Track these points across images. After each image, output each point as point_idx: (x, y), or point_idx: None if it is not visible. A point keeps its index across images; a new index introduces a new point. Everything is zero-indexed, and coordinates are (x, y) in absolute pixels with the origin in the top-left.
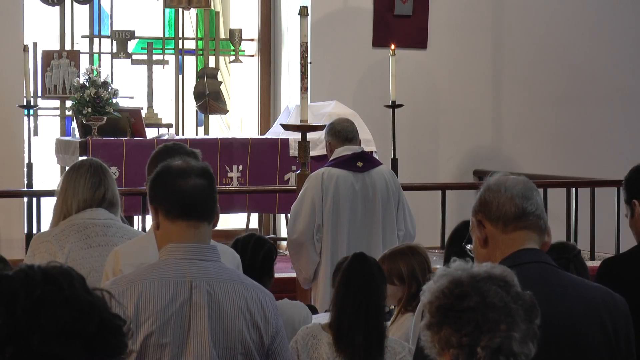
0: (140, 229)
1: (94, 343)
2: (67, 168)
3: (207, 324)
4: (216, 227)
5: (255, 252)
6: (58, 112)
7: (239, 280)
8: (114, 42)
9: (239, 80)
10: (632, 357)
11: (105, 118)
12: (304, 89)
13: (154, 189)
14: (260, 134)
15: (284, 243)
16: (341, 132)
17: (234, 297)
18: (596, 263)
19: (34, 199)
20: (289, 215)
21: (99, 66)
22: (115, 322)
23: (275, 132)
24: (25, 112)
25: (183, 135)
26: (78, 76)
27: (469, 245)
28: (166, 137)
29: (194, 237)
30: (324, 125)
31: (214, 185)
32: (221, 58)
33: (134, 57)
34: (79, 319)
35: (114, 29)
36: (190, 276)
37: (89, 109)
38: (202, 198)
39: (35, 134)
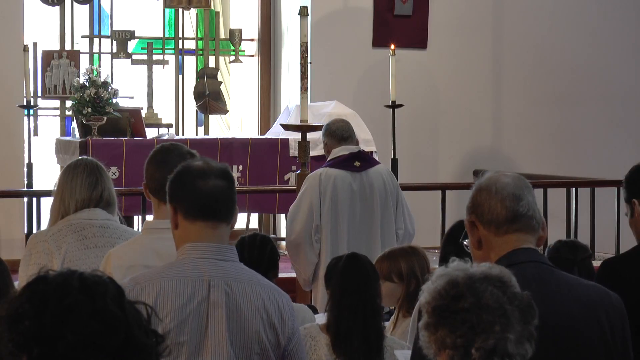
0: (140, 229)
1: (119, 358)
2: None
3: (225, 323)
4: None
5: (263, 248)
6: (58, 112)
7: (256, 280)
8: (114, 42)
9: (239, 80)
10: (628, 355)
11: (105, 118)
12: (304, 89)
13: (174, 188)
14: (260, 134)
15: (284, 243)
16: (336, 132)
17: (251, 298)
18: (596, 263)
19: (34, 199)
20: (287, 215)
21: (99, 66)
22: (143, 339)
23: (275, 132)
24: (25, 112)
25: (183, 135)
26: (78, 76)
27: (466, 241)
28: (166, 137)
29: (212, 238)
30: (324, 125)
31: (233, 187)
32: (221, 58)
33: (134, 57)
34: (104, 333)
35: (114, 29)
36: (208, 275)
37: (89, 109)
38: (221, 199)
39: (35, 134)
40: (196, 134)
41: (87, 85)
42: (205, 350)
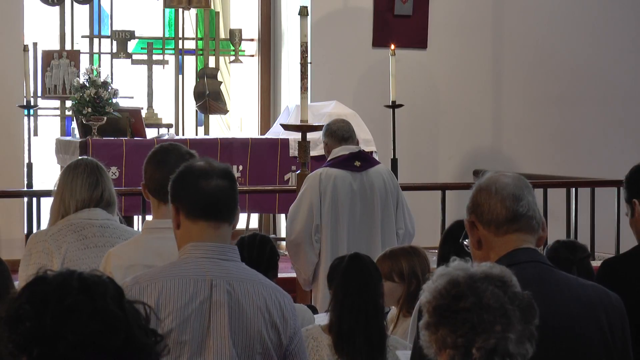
0: (139, 230)
1: (119, 357)
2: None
3: (227, 322)
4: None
5: (262, 247)
6: (58, 112)
7: (258, 280)
8: (114, 42)
9: (239, 80)
10: (628, 355)
11: (105, 118)
12: (304, 89)
13: (176, 188)
14: (260, 134)
15: (284, 243)
16: (337, 132)
17: (253, 297)
18: (596, 263)
19: (34, 199)
20: (287, 215)
21: (99, 66)
22: (143, 339)
23: (275, 132)
24: (25, 112)
25: (183, 135)
26: (78, 76)
27: (466, 241)
28: (166, 137)
29: (214, 237)
30: (324, 125)
31: (235, 187)
32: (221, 58)
33: (134, 57)
34: (104, 333)
35: (114, 29)
36: (210, 275)
37: (89, 109)
38: (223, 199)
39: (35, 134)
40: (196, 134)
41: (87, 85)
42: (207, 350)
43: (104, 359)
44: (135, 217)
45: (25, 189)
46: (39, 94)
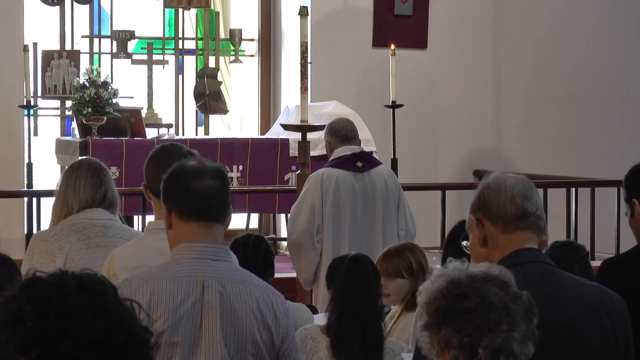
0: (140, 229)
1: (121, 354)
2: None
3: (219, 323)
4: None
5: (257, 248)
6: (58, 112)
7: (250, 281)
8: (114, 42)
9: (239, 80)
10: (630, 355)
11: (105, 118)
12: (304, 89)
13: (168, 188)
14: (260, 134)
15: (284, 243)
16: (341, 131)
17: (245, 298)
18: (596, 263)
19: (34, 199)
20: (289, 215)
21: (99, 66)
22: (143, 335)
23: (275, 132)
24: (25, 112)
25: (183, 135)
26: (78, 76)
27: (465, 242)
28: (166, 137)
29: (206, 238)
30: (324, 125)
31: (228, 187)
32: (221, 58)
33: (134, 57)
34: (108, 330)
35: (114, 29)
36: (202, 275)
37: (89, 109)
38: (216, 199)
39: (35, 134)
40: (196, 134)
41: (87, 85)
42: (199, 351)
43: (105, 356)
44: (136, 217)
45: (25, 189)
46: (39, 94)
